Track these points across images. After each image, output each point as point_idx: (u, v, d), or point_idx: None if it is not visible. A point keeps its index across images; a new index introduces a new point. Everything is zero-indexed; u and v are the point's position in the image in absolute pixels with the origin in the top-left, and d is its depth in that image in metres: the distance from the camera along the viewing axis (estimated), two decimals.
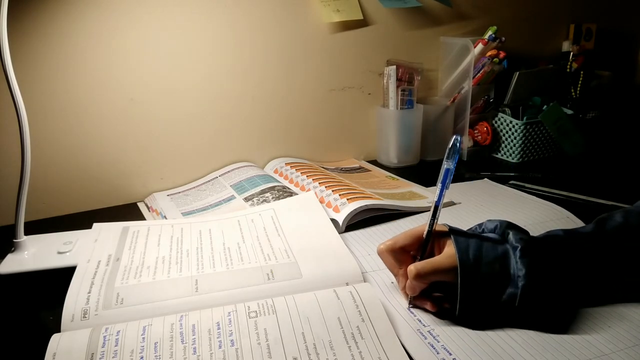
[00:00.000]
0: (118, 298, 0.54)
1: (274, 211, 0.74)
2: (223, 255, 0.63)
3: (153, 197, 0.87)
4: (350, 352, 0.46)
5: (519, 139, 1.04)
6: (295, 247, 0.64)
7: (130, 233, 0.68)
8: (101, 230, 0.69)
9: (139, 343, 0.47)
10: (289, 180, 0.89)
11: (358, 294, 0.53)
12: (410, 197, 0.83)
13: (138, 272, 0.59)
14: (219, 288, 0.56)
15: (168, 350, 0.46)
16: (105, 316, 0.52)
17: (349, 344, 0.47)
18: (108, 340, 0.47)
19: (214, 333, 0.48)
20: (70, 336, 0.48)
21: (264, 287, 0.56)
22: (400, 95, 1.00)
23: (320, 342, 0.47)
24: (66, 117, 0.80)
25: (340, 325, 0.49)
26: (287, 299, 0.52)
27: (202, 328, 0.48)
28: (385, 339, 0.48)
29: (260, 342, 0.47)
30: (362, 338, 0.48)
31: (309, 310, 0.51)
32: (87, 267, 0.60)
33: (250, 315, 0.50)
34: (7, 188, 0.74)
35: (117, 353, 0.45)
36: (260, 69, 0.93)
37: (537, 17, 1.23)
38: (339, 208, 0.75)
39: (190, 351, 0.46)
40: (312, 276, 0.58)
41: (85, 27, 0.78)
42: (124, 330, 0.48)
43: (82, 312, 0.52)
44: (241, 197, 0.82)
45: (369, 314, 0.50)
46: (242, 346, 0.47)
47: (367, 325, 0.49)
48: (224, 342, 0.47)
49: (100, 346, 0.46)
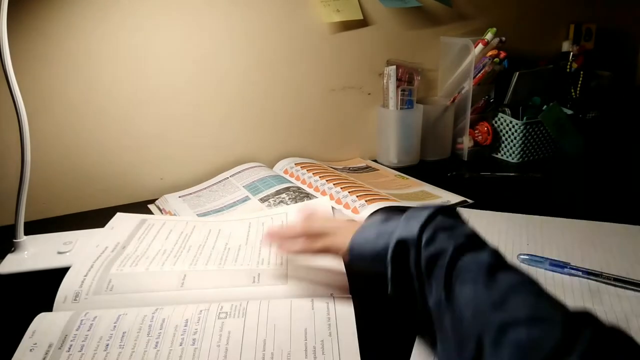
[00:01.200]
0: (109, 285, 0.56)
1: (286, 215, 0.74)
2: (220, 255, 0.63)
3: (164, 198, 0.86)
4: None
5: (519, 139, 1.04)
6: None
7: (145, 225, 0.71)
8: (121, 219, 0.72)
9: (109, 331, 0.49)
10: (301, 181, 0.90)
11: (334, 307, 0.51)
12: (423, 197, 0.83)
13: (136, 261, 0.61)
14: (204, 286, 0.57)
15: (132, 341, 0.48)
16: (94, 301, 0.54)
17: (308, 357, 0.46)
18: (83, 324, 0.49)
19: (179, 330, 0.49)
20: (53, 316, 0.51)
21: (247, 289, 0.56)
22: (400, 95, 1.00)
23: (279, 352, 0.46)
24: (66, 117, 0.80)
25: (305, 337, 0.48)
26: (262, 304, 0.52)
27: (170, 323, 0.50)
28: (347, 357, 0.46)
29: (220, 345, 0.47)
30: (323, 353, 0.46)
31: (279, 318, 0.50)
32: (93, 251, 0.62)
33: (219, 316, 0.51)
34: (7, 188, 0.74)
35: (87, 337, 0.48)
36: (260, 69, 0.93)
37: (537, 17, 1.23)
38: (358, 210, 0.75)
39: (152, 345, 0.47)
40: (297, 284, 0.57)
41: (85, 27, 0.78)
42: (100, 316, 0.50)
43: (74, 295, 0.54)
44: (256, 198, 0.82)
45: (338, 329, 0.49)
46: (202, 346, 0.47)
47: (333, 341, 0.47)
48: (186, 340, 0.48)
49: (75, 329, 0.49)
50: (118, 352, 0.47)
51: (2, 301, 0.58)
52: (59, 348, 0.47)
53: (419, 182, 0.92)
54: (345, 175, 0.92)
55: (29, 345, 0.47)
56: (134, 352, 0.47)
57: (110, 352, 0.47)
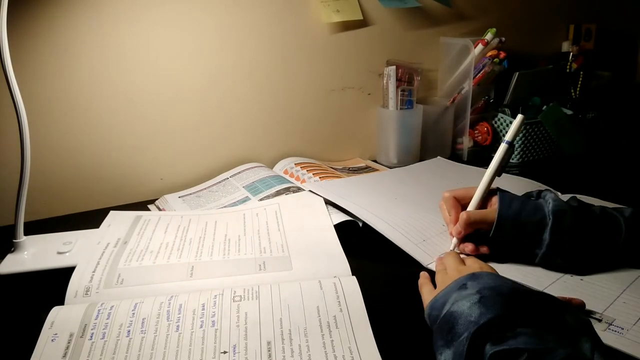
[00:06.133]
0: (119, 278, 0.58)
1: (278, 206, 0.76)
2: (222, 246, 0.66)
3: (164, 198, 0.86)
4: (323, 340, 0.48)
5: (519, 139, 1.04)
6: (292, 242, 0.67)
7: (141, 221, 0.73)
8: (116, 217, 0.73)
9: (129, 318, 0.50)
10: (301, 181, 0.89)
11: (341, 285, 0.55)
12: None
13: (141, 255, 0.63)
14: (212, 275, 0.59)
15: (154, 326, 0.49)
16: (105, 294, 0.55)
17: (323, 332, 0.49)
18: (102, 313, 0.51)
19: (197, 313, 0.51)
20: (69, 308, 0.52)
21: (254, 276, 0.59)
22: (400, 96, 1.00)
23: (296, 329, 0.49)
24: (66, 117, 0.80)
25: (318, 314, 0.51)
26: (272, 287, 0.55)
27: (188, 308, 0.51)
28: (359, 329, 0.49)
29: (239, 325, 0.49)
30: (337, 327, 0.49)
31: (291, 298, 0.53)
32: (96, 248, 0.64)
33: (234, 299, 0.53)
34: (7, 188, 0.74)
35: (108, 325, 0.49)
36: (260, 69, 0.93)
37: (537, 17, 1.23)
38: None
39: (174, 328, 0.49)
40: (302, 269, 0.60)
41: (85, 27, 0.78)
42: (117, 305, 0.52)
43: (84, 289, 0.56)
44: (256, 198, 0.82)
45: (348, 304, 0.52)
46: (222, 327, 0.49)
47: (344, 315, 0.51)
48: (206, 322, 0.50)
49: (94, 318, 0.50)
50: (141, 337, 0.48)
51: (2, 301, 0.58)
52: (80, 337, 0.48)
53: None
54: (345, 176, 0.92)
55: (50, 335, 0.48)
56: (157, 335, 0.48)
57: (133, 338, 0.48)
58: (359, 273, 0.58)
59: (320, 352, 0.46)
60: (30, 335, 0.48)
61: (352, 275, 0.58)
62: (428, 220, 0.72)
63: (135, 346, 0.47)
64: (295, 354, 0.46)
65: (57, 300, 0.54)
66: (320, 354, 0.46)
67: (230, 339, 0.48)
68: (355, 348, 0.47)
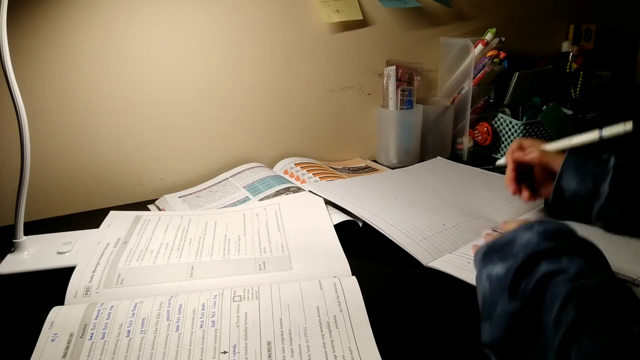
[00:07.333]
0: (119, 278, 0.58)
1: (278, 206, 0.76)
2: (222, 246, 0.66)
3: (164, 198, 0.86)
4: (323, 340, 0.48)
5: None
6: (292, 242, 0.67)
7: (141, 221, 0.73)
8: (116, 217, 0.73)
9: (129, 318, 0.50)
10: (301, 181, 0.90)
11: (341, 285, 0.55)
12: None
13: (141, 255, 0.63)
14: (212, 275, 0.59)
15: (153, 326, 0.49)
16: (105, 294, 0.56)
17: (323, 332, 0.49)
18: (101, 313, 0.51)
19: (197, 313, 0.51)
20: (69, 308, 0.52)
21: (254, 276, 0.59)
22: (400, 96, 1.00)
23: (296, 329, 0.49)
24: (66, 117, 0.80)
25: (318, 314, 0.51)
26: (272, 287, 0.55)
27: (188, 308, 0.52)
28: (359, 329, 0.49)
29: (239, 325, 0.50)
30: (337, 327, 0.49)
31: (291, 298, 0.53)
32: (96, 248, 0.64)
33: (234, 299, 0.53)
34: (7, 188, 0.74)
35: (108, 325, 0.49)
36: (260, 69, 0.93)
37: (537, 18, 1.23)
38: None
39: (174, 328, 0.49)
40: (302, 269, 0.60)
41: (85, 27, 0.78)
42: (117, 305, 0.52)
43: (84, 289, 0.56)
44: (256, 199, 0.82)
45: (348, 304, 0.52)
46: (222, 327, 0.49)
47: (344, 315, 0.51)
48: (206, 322, 0.50)
49: (94, 318, 0.50)
50: (141, 337, 0.48)
51: (2, 301, 0.58)
52: (80, 337, 0.48)
53: None
54: (345, 176, 0.92)
55: (49, 335, 0.48)
56: (157, 335, 0.48)
57: (133, 338, 0.48)
58: (359, 273, 0.58)
59: (320, 352, 0.46)
60: (30, 335, 0.48)
61: (352, 275, 0.58)
62: (428, 220, 0.72)
63: (135, 346, 0.47)
64: (295, 354, 0.46)
65: (57, 300, 0.54)
66: (320, 354, 0.46)
67: (230, 339, 0.48)
68: (355, 348, 0.47)
